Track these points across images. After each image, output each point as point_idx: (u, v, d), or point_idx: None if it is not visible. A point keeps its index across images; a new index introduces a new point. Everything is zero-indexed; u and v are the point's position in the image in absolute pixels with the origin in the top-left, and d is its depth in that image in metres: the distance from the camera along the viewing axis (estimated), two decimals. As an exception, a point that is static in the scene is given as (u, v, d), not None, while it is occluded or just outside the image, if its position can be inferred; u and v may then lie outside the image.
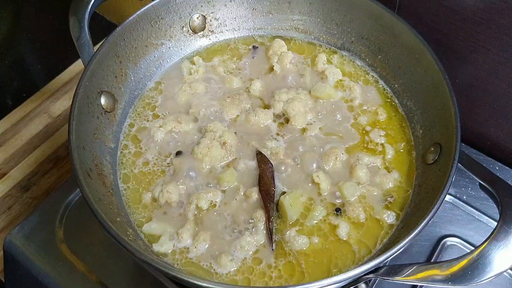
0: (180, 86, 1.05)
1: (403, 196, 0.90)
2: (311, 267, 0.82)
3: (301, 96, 1.01)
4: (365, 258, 0.83)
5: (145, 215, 0.88)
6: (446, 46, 1.04)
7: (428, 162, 0.90)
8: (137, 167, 0.94)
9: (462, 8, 0.96)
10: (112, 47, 0.96)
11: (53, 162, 1.21)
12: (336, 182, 0.91)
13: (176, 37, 1.10)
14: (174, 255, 0.83)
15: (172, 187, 0.89)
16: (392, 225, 0.87)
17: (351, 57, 1.12)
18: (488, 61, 1.00)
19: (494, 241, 0.67)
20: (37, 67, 1.56)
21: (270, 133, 0.98)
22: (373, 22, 1.04)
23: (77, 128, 0.84)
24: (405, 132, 0.99)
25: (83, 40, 0.92)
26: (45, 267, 0.95)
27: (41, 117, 1.30)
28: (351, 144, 0.97)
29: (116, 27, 0.97)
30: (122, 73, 1.00)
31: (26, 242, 0.98)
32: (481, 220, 1.00)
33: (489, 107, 1.08)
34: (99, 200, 0.81)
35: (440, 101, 0.90)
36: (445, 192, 0.76)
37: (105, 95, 0.94)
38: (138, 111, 1.03)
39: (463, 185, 1.04)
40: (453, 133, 0.83)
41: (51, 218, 1.00)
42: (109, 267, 0.95)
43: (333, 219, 0.87)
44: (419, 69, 0.97)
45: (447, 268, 0.67)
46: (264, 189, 0.88)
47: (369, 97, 1.05)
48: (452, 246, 0.97)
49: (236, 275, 0.81)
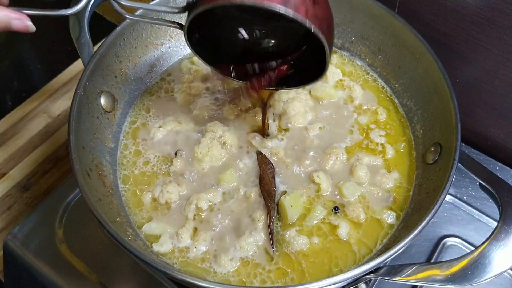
0: (180, 86, 1.05)
1: (403, 196, 0.90)
2: (311, 267, 0.82)
3: (301, 96, 1.01)
4: (365, 258, 0.83)
5: (145, 215, 0.88)
6: (446, 46, 1.04)
7: (428, 162, 0.90)
8: (137, 167, 0.94)
9: (462, 8, 0.96)
10: (112, 47, 0.96)
11: (53, 162, 1.21)
12: (336, 182, 0.91)
13: (176, 37, 1.10)
14: (173, 255, 0.83)
15: (172, 187, 0.89)
16: (392, 225, 0.87)
17: (351, 57, 1.12)
18: (488, 61, 1.00)
19: (494, 241, 0.67)
20: (37, 67, 1.55)
21: (270, 133, 0.98)
22: (373, 22, 1.04)
23: (76, 128, 0.84)
24: (405, 132, 0.99)
25: (83, 40, 0.92)
26: (45, 267, 0.95)
27: (40, 117, 1.29)
28: (351, 144, 0.97)
29: (116, 27, 0.97)
30: (122, 73, 1.00)
31: (26, 242, 0.97)
32: (481, 220, 1.00)
33: (489, 107, 1.08)
34: (99, 200, 0.81)
35: (440, 101, 0.90)
36: (445, 192, 0.76)
37: (105, 95, 0.94)
38: (138, 111, 1.03)
39: (463, 185, 1.04)
40: (453, 133, 0.83)
41: (51, 218, 1.00)
42: (109, 267, 0.95)
43: (333, 219, 0.87)
44: (419, 69, 0.97)
45: (447, 268, 0.67)
46: (265, 189, 0.88)
47: (369, 97, 1.05)
48: (452, 246, 0.97)
49: (236, 275, 0.81)
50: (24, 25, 0.69)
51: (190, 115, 1.01)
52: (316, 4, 0.68)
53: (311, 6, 0.67)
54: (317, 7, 0.68)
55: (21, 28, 0.69)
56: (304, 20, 0.66)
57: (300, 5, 0.66)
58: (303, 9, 0.66)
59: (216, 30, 0.85)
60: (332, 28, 0.74)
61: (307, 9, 0.66)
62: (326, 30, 0.69)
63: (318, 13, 0.68)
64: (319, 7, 0.68)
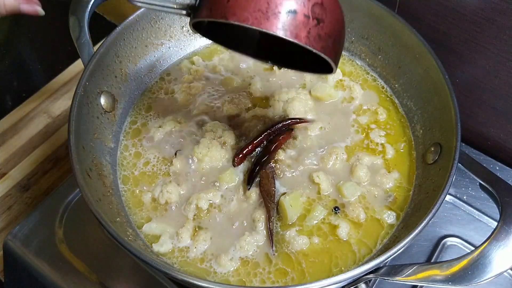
0: (180, 86, 1.05)
1: (403, 196, 0.90)
2: (311, 267, 0.82)
3: (301, 96, 1.01)
4: (365, 258, 0.83)
5: (145, 215, 0.88)
6: (446, 46, 1.04)
7: (429, 162, 0.90)
8: (137, 168, 0.94)
9: (462, 8, 0.96)
10: (112, 47, 0.96)
11: (53, 162, 1.21)
12: (336, 182, 0.91)
13: (176, 37, 1.10)
14: (173, 255, 0.83)
15: (172, 187, 0.89)
16: (392, 225, 0.87)
17: (351, 57, 1.12)
18: (488, 61, 1.00)
19: (494, 241, 0.66)
20: (37, 67, 1.55)
21: (270, 133, 0.98)
22: (373, 22, 1.04)
23: (76, 128, 0.83)
24: (405, 132, 0.99)
25: (83, 40, 0.92)
26: (45, 267, 0.95)
27: (40, 117, 1.29)
28: (351, 144, 0.97)
29: (116, 27, 0.97)
30: (122, 73, 1.00)
31: (26, 242, 0.97)
32: (481, 220, 1.00)
33: (489, 107, 1.08)
34: (99, 200, 0.81)
35: (440, 101, 0.90)
36: (445, 192, 0.76)
37: (105, 95, 0.94)
38: (138, 111, 1.03)
39: (463, 185, 1.04)
40: (453, 133, 0.83)
41: (51, 218, 1.00)
42: (109, 267, 0.95)
43: (333, 219, 0.87)
44: (419, 69, 0.97)
45: (447, 268, 0.67)
46: (264, 189, 0.88)
47: (369, 97, 1.05)
48: (452, 246, 0.97)
49: (235, 275, 0.81)
50: (34, 9, 0.71)
51: (190, 115, 1.01)
52: (321, 22, 0.64)
53: (313, 27, 0.63)
54: (321, 26, 0.64)
55: (30, 11, 0.70)
56: (305, 45, 0.63)
57: (301, 28, 0.62)
58: (304, 33, 0.62)
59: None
60: (339, 40, 0.69)
61: (309, 32, 0.63)
62: (331, 48, 0.66)
63: (322, 32, 0.64)
64: (324, 24, 0.65)
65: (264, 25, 0.61)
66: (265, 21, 0.61)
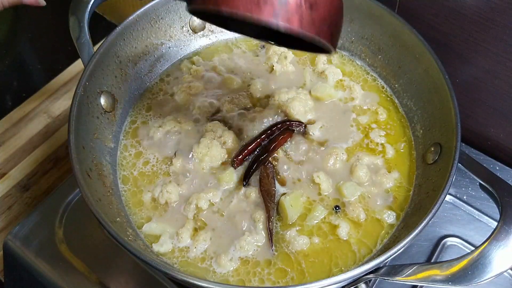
0: (180, 86, 1.05)
1: (403, 196, 0.90)
2: (311, 267, 0.82)
3: (301, 96, 1.01)
4: (365, 258, 0.83)
5: (144, 215, 0.88)
6: (446, 46, 1.04)
7: (429, 162, 0.90)
8: (136, 168, 0.94)
9: (462, 8, 0.96)
10: (112, 47, 0.96)
11: (53, 162, 1.21)
12: (336, 182, 0.91)
13: (176, 37, 1.10)
14: (173, 254, 0.83)
15: (171, 187, 0.89)
16: (392, 225, 0.87)
17: (351, 57, 1.12)
18: (488, 61, 1.00)
19: (494, 241, 0.66)
20: (37, 67, 1.55)
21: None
22: (373, 22, 1.04)
23: (76, 128, 0.83)
24: (405, 132, 0.99)
25: (83, 40, 0.92)
26: (45, 267, 0.95)
27: (40, 117, 1.29)
28: (351, 144, 0.97)
29: (116, 27, 0.97)
30: (122, 73, 1.00)
31: (26, 242, 0.97)
32: (481, 220, 1.00)
33: (489, 107, 1.08)
34: (99, 200, 0.81)
35: (440, 101, 0.90)
36: (445, 192, 0.76)
37: (105, 95, 0.94)
38: (138, 111, 1.03)
39: (463, 185, 1.04)
40: (453, 133, 0.83)
41: (50, 218, 1.00)
42: (109, 267, 0.95)
43: (333, 219, 0.87)
44: (419, 69, 0.97)
45: (447, 268, 0.67)
46: (265, 189, 0.88)
47: (369, 97, 1.05)
48: (452, 246, 0.97)
49: (235, 275, 0.81)
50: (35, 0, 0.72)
51: (190, 115, 1.01)
52: (314, 6, 0.62)
53: (306, 12, 0.61)
54: (314, 10, 0.62)
55: (32, 2, 0.72)
56: (297, 32, 0.61)
57: (293, 14, 0.60)
58: (297, 19, 0.60)
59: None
60: (336, 24, 0.67)
61: (302, 17, 0.61)
62: (326, 31, 0.65)
63: (316, 16, 0.63)
64: (317, 8, 0.63)
65: (255, 13, 0.59)
66: (257, 9, 0.59)
